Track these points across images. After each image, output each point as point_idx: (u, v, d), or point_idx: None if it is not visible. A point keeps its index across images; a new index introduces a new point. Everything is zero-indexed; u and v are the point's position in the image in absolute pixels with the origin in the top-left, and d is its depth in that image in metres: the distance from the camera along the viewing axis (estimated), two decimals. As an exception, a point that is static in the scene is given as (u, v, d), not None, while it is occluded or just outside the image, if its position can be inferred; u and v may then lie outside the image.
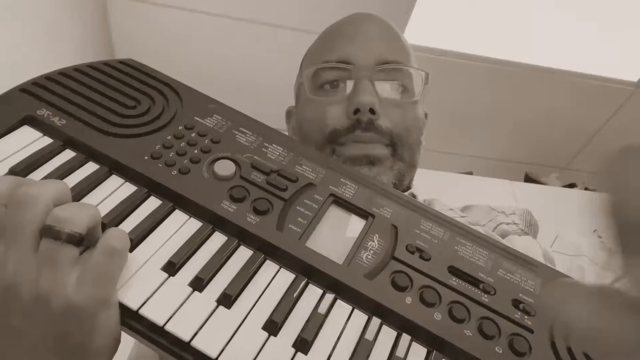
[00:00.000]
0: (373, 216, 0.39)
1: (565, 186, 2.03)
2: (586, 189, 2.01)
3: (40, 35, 1.20)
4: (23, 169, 0.35)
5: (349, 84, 0.54)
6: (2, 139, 0.37)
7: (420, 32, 1.63)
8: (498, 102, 1.89)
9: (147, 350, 0.55)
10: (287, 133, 0.63)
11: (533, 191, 1.86)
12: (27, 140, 0.38)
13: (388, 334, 0.33)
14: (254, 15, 1.59)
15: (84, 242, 0.30)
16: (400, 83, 0.55)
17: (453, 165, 2.07)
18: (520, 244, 0.54)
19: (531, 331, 0.34)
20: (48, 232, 0.28)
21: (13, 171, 0.35)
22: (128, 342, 0.57)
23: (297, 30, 1.60)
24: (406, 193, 0.54)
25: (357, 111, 0.52)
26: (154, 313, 0.30)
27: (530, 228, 0.61)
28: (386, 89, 0.54)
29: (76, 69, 0.44)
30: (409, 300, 0.34)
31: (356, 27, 0.57)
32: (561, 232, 0.55)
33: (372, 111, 0.52)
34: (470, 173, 1.98)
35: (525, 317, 0.34)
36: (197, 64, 1.73)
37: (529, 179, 2.12)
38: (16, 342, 0.29)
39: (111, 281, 0.29)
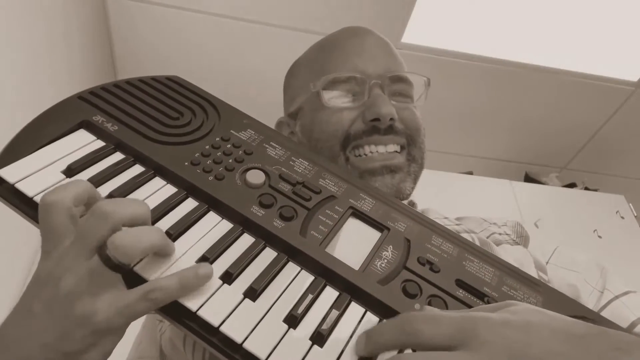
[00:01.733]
0: (388, 229, 0.42)
1: (565, 186, 2.01)
2: (586, 188, 2.00)
3: (40, 35, 1.22)
4: (79, 166, 0.40)
5: (362, 94, 0.57)
6: (62, 139, 0.42)
7: (420, 32, 1.64)
8: (498, 102, 1.89)
9: (147, 351, 0.58)
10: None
11: (533, 191, 1.86)
12: (83, 142, 0.42)
13: None
14: (254, 16, 1.60)
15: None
16: (406, 89, 0.60)
17: (453, 165, 2.06)
18: (513, 253, 0.57)
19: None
20: (101, 254, 0.32)
21: (70, 168, 0.40)
22: (127, 343, 0.59)
23: (297, 30, 1.62)
24: (405, 201, 0.58)
25: (375, 120, 0.55)
26: (188, 299, 0.33)
27: (522, 239, 0.63)
28: (397, 95, 0.59)
29: (128, 82, 0.49)
30: (417, 307, 0.37)
31: (361, 42, 0.61)
32: (560, 246, 0.57)
33: (391, 119, 0.56)
34: (470, 173, 1.97)
35: (526, 330, 0.37)
36: (197, 64, 1.74)
37: (529, 179, 2.11)
38: (25, 324, 0.32)
39: (133, 318, 0.33)
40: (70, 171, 0.40)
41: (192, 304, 0.33)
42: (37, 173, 0.39)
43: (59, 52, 1.35)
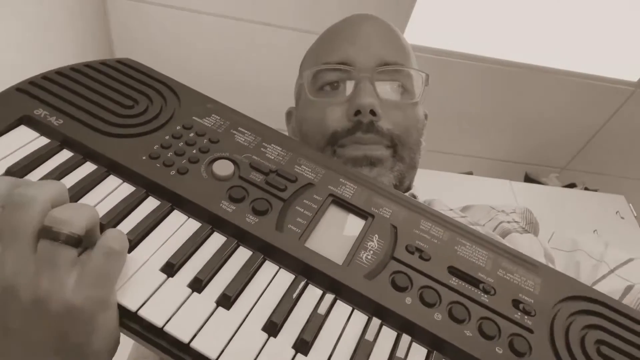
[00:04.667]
0: (372, 216, 0.38)
1: (565, 186, 2.03)
2: (586, 189, 2.01)
3: (40, 36, 1.19)
4: (20, 169, 0.35)
5: (349, 86, 0.54)
6: None
7: (420, 32, 1.63)
8: (498, 102, 1.89)
9: (147, 352, 0.55)
10: (287, 133, 0.63)
11: (533, 191, 1.86)
12: (24, 141, 0.37)
13: (388, 335, 0.32)
14: (254, 16, 1.58)
15: (82, 243, 0.30)
16: (400, 84, 0.55)
17: (453, 165, 2.07)
18: (523, 242, 0.54)
19: (531, 331, 0.34)
20: (46, 233, 0.28)
21: (10, 171, 0.35)
22: (128, 342, 0.57)
23: (297, 30, 1.60)
24: (407, 194, 0.54)
25: (357, 113, 0.52)
26: (153, 314, 0.30)
27: (531, 226, 0.61)
28: (387, 90, 0.54)
29: (73, 68, 0.43)
30: (409, 300, 0.34)
31: (356, 29, 0.57)
32: (557, 229, 0.55)
33: (372, 112, 0.52)
34: (470, 173, 1.98)
35: (525, 317, 0.34)
36: (197, 64, 1.73)
37: (529, 179, 2.12)
38: (15, 344, 0.29)
39: (110, 282, 0.29)
40: (11, 175, 0.35)
41: (157, 318, 0.30)
42: (-29, 180, 0.34)
43: (59, 52, 1.32)
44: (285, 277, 0.34)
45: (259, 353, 0.29)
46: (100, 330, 0.29)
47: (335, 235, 0.37)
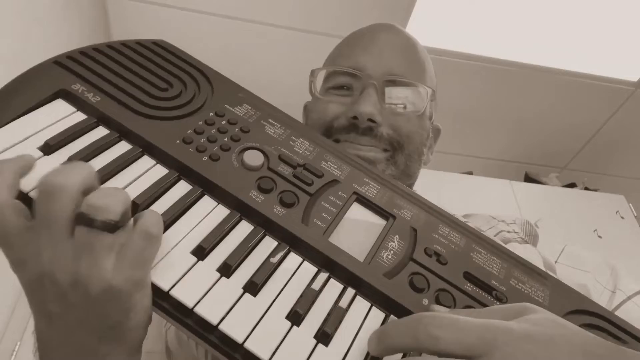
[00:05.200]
0: (394, 217, 0.40)
1: (565, 186, 2.03)
2: (586, 188, 2.02)
3: (40, 36, 1.18)
4: (58, 143, 0.36)
5: (356, 90, 0.56)
6: (37, 110, 0.38)
7: (420, 32, 1.63)
8: (498, 102, 1.89)
9: (153, 347, 0.56)
10: None
11: (533, 191, 1.87)
12: (61, 114, 0.38)
13: None
14: (255, 16, 1.58)
15: (118, 228, 0.30)
16: (407, 95, 0.56)
17: (453, 165, 2.08)
18: (522, 251, 0.56)
19: (539, 340, 0.35)
20: (82, 219, 0.29)
21: (48, 144, 0.35)
22: None
23: (297, 30, 1.60)
24: None
25: (355, 118, 0.53)
26: (184, 295, 0.31)
27: (531, 237, 0.62)
28: (393, 99, 0.55)
29: (109, 45, 0.44)
30: (425, 301, 0.35)
31: (373, 37, 0.58)
32: (568, 245, 0.56)
33: (370, 120, 0.53)
34: (470, 173, 1.99)
35: (534, 326, 0.36)
36: None
37: (529, 179, 2.12)
38: (55, 326, 0.30)
39: (147, 264, 0.30)
40: (49, 148, 0.35)
41: (188, 299, 0.31)
42: (11, 149, 0.35)
43: (59, 52, 1.29)
44: (309, 269, 0.35)
45: (283, 340, 0.31)
46: (137, 307, 0.30)
47: (357, 233, 0.38)
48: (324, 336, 0.32)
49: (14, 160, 0.31)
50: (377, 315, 0.34)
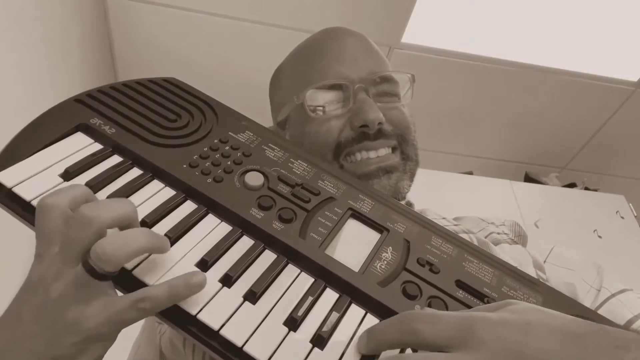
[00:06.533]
0: (388, 230, 0.42)
1: (565, 186, 2.01)
2: (586, 188, 1.99)
3: (40, 36, 1.21)
4: (76, 170, 0.40)
5: (347, 100, 0.56)
6: (59, 142, 0.42)
7: (420, 32, 1.63)
8: (498, 102, 1.88)
9: (147, 354, 0.58)
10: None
11: (533, 191, 1.86)
12: (80, 145, 0.42)
13: None
14: (255, 16, 1.59)
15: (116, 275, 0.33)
16: (391, 89, 0.59)
17: (453, 165, 2.06)
18: (512, 252, 0.57)
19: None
20: (85, 265, 0.31)
21: (68, 171, 0.39)
22: (127, 344, 0.59)
23: (298, 31, 1.61)
24: (403, 202, 0.57)
25: (364, 126, 0.54)
26: (188, 303, 0.33)
27: (520, 238, 0.63)
28: (382, 95, 0.58)
29: (125, 84, 0.49)
30: (418, 308, 0.37)
31: (338, 45, 0.59)
32: (556, 245, 0.57)
33: (379, 124, 0.54)
34: (470, 173, 1.97)
35: (526, 330, 0.37)
36: (197, 64, 1.73)
37: (529, 178, 2.10)
38: (13, 330, 0.32)
39: (124, 325, 0.33)
40: (68, 175, 0.39)
41: (191, 307, 0.33)
42: (35, 177, 0.39)
43: (59, 52, 1.35)
44: (306, 280, 0.37)
45: (280, 344, 0.33)
46: (91, 353, 0.33)
47: (352, 245, 0.40)
48: (319, 340, 0.33)
49: (87, 190, 0.35)
50: (372, 321, 0.36)
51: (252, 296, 0.35)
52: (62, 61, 1.37)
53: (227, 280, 0.35)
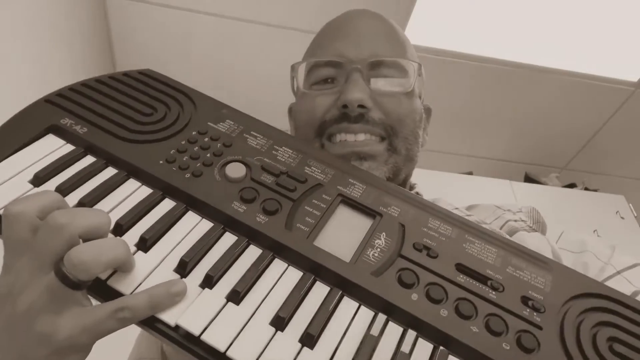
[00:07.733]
0: (381, 215, 0.39)
1: (565, 186, 2.01)
2: (586, 189, 1.99)
3: (40, 35, 1.20)
4: (47, 174, 0.38)
5: (341, 79, 0.54)
6: (29, 147, 0.40)
7: (420, 32, 1.63)
8: (498, 102, 1.87)
9: (148, 352, 0.57)
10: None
11: (533, 191, 1.86)
12: (51, 148, 0.40)
13: (394, 330, 0.33)
14: (254, 16, 1.58)
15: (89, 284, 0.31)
16: (394, 75, 0.55)
17: (453, 165, 2.06)
18: (530, 240, 0.53)
19: (540, 328, 0.33)
20: (58, 272, 0.30)
21: (37, 177, 0.37)
22: (128, 344, 0.58)
23: (298, 31, 1.60)
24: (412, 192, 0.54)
25: (345, 106, 0.51)
26: (166, 313, 0.31)
27: (539, 225, 0.59)
28: (380, 81, 0.54)
29: (97, 79, 0.46)
30: (415, 297, 0.34)
31: (350, 24, 0.57)
32: (566, 229, 0.54)
33: (361, 107, 0.51)
34: (470, 173, 1.97)
35: (535, 313, 0.34)
36: (196, 64, 1.73)
37: (529, 179, 2.10)
38: None
39: (101, 336, 0.31)
40: (38, 180, 0.37)
41: (169, 316, 0.31)
42: (3, 185, 0.37)
43: (59, 53, 1.34)
44: (294, 274, 0.35)
45: (266, 346, 0.31)
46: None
47: (343, 234, 0.38)
48: (308, 339, 0.31)
49: (57, 197, 0.33)
50: (366, 314, 0.34)
51: (235, 296, 0.33)
52: (62, 62, 1.37)
53: (209, 281, 0.33)
